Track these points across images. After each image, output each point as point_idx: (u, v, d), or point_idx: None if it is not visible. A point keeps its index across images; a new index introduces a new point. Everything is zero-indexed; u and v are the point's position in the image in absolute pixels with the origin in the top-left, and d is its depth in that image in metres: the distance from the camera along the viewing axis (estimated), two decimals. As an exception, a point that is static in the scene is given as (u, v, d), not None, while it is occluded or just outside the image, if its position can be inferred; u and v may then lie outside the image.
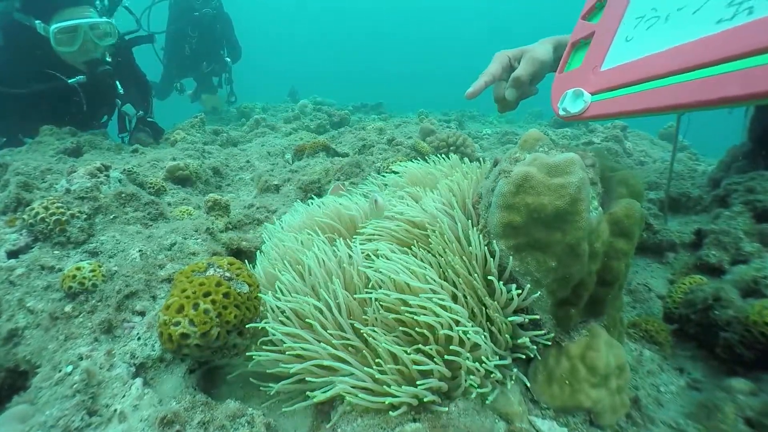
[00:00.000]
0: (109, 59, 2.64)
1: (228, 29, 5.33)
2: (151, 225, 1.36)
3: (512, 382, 0.83)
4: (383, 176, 1.44)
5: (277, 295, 0.89)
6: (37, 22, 2.36)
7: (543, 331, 0.86)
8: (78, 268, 0.96)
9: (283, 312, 0.86)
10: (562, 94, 0.93)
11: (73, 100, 2.65)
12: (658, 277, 1.73)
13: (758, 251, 1.53)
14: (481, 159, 1.32)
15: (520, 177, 0.75)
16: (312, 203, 1.28)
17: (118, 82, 2.73)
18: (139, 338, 0.85)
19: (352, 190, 1.43)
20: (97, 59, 2.56)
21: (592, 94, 0.88)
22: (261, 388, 0.84)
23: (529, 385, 0.90)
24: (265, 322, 0.83)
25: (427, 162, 1.34)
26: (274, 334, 0.81)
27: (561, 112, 0.93)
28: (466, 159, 1.29)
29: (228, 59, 5.39)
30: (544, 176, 0.75)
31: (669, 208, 2.11)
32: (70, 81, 2.49)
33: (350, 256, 0.94)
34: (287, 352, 0.80)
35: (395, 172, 1.35)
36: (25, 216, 1.19)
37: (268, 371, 0.84)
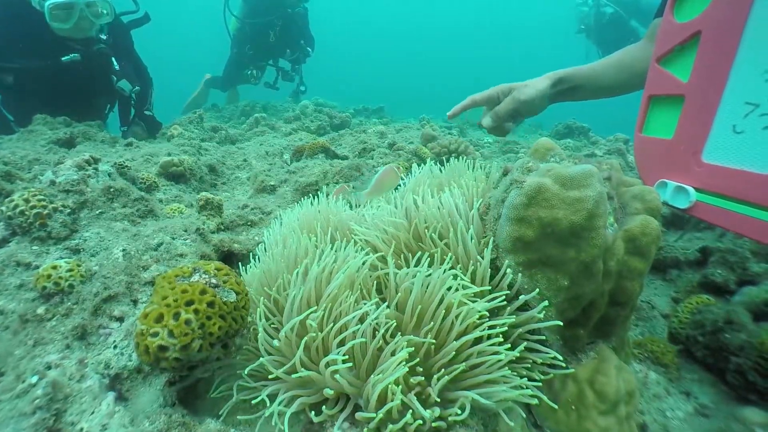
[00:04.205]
0: (104, 37, 2.62)
1: (305, 20, 5.54)
2: (140, 222, 1.30)
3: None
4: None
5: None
6: None
7: (553, 353, 0.80)
8: (54, 267, 0.90)
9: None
10: (655, 173, 0.84)
11: (68, 80, 2.60)
12: (661, 295, 1.69)
13: (766, 272, 1.49)
14: (483, 167, 1.27)
15: (533, 188, 0.70)
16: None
17: (113, 59, 2.71)
18: (115, 346, 0.78)
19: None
20: (91, 37, 2.53)
21: (696, 188, 0.79)
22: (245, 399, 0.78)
23: (532, 407, 0.84)
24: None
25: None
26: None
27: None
28: (471, 162, 1.23)
29: (309, 49, 5.62)
30: (560, 188, 0.70)
31: (672, 224, 2.08)
32: (63, 59, 2.46)
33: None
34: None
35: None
36: (3, 208, 1.12)
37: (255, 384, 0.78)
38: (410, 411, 0.65)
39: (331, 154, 2.13)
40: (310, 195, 1.62)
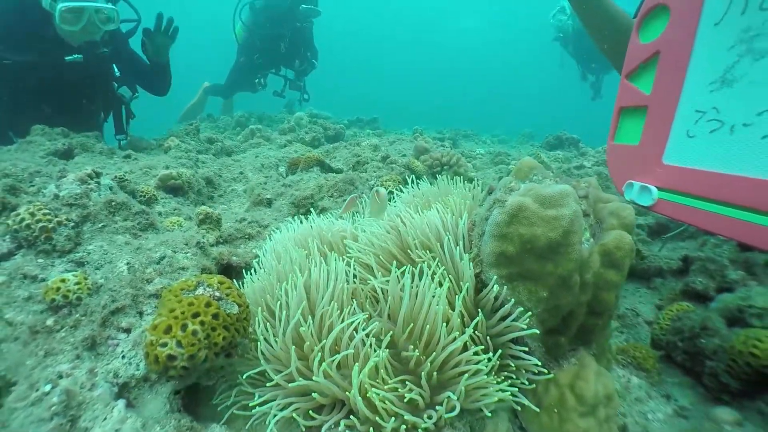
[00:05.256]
0: (106, 44, 2.70)
1: (311, 34, 5.80)
2: (141, 235, 1.34)
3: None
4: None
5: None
6: None
7: (534, 360, 0.85)
8: (63, 280, 0.94)
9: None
10: (624, 176, 0.94)
11: (68, 80, 2.66)
12: (645, 302, 1.75)
13: (743, 279, 1.55)
14: (475, 179, 1.33)
15: (514, 207, 0.76)
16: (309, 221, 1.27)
17: (114, 66, 2.80)
18: (123, 356, 0.82)
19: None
20: (95, 41, 2.62)
21: (659, 188, 0.88)
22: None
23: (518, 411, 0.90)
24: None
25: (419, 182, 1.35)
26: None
27: (626, 197, 0.95)
28: (459, 180, 1.30)
29: (314, 61, 5.93)
30: (538, 207, 0.76)
31: (656, 233, 2.16)
32: (66, 58, 2.53)
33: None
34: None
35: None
36: (9, 221, 1.16)
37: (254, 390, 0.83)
38: (399, 416, 0.70)
39: (326, 168, 2.19)
40: (306, 208, 1.67)
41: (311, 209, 1.65)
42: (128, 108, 3.05)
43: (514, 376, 0.85)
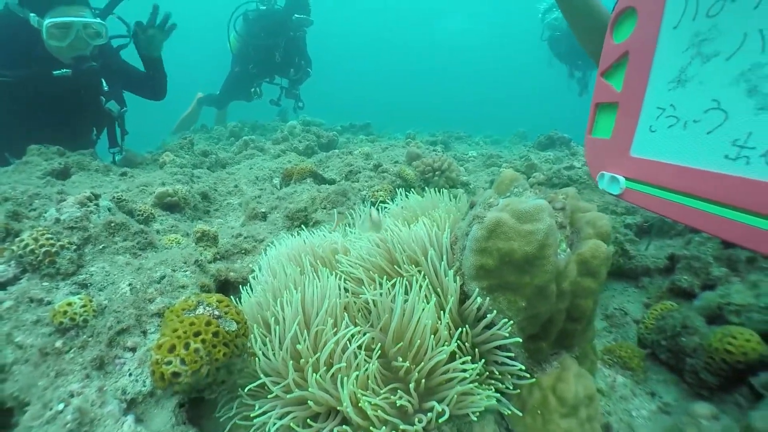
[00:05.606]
0: (95, 58, 2.71)
1: (305, 42, 5.91)
2: (141, 255, 1.38)
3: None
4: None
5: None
6: (31, 15, 2.45)
7: (518, 365, 0.90)
8: (69, 303, 0.98)
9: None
10: (598, 167, 1.03)
11: (57, 95, 2.68)
12: (634, 302, 1.81)
13: (726, 276, 1.61)
14: (467, 183, 1.39)
15: (492, 223, 0.81)
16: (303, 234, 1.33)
17: (103, 80, 2.81)
18: (130, 374, 0.87)
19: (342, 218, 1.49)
20: (84, 56, 2.63)
21: (626, 178, 0.96)
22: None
23: (504, 414, 0.95)
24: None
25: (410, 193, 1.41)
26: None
27: (599, 186, 1.04)
28: (445, 192, 1.36)
29: (309, 69, 6.05)
30: (515, 222, 0.81)
31: (644, 232, 2.22)
32: (54, 73, 2.55)
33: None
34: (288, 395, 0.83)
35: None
36: (14, 247, 1.20)
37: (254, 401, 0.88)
38: (390, 422, 0.75)
39: (319, 179, 2.24)
40: (300, 221, 1.72)
41: (305, 222, 1.70)
42: (122, 124, 3.08)
43: (501, 382, 0.90)
